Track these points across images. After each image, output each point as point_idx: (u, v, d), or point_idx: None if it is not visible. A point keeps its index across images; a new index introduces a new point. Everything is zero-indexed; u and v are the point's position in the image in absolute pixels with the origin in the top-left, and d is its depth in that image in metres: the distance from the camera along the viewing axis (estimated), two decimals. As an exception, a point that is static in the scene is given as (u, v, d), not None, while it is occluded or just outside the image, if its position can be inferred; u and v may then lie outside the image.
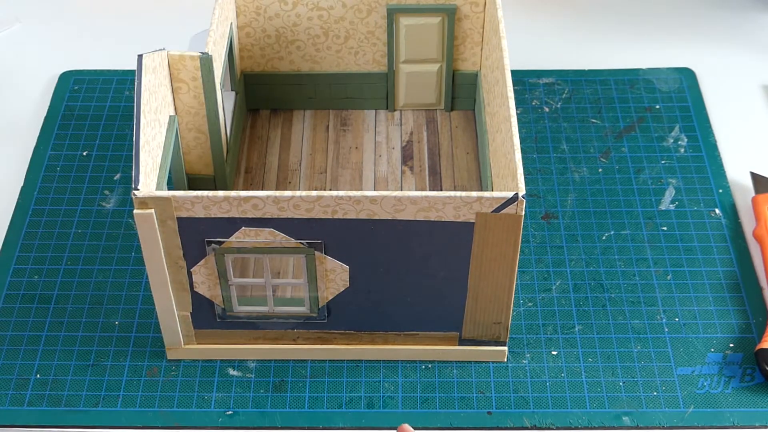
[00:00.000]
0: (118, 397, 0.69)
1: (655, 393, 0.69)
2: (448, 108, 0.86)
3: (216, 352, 0.71)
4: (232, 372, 0.70)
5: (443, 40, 0.82)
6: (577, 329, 0.73)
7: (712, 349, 0.71)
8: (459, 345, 0.70)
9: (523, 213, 0.60)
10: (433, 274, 0.65)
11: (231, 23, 0.78)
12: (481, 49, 0.82)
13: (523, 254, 0.77)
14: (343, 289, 0.66)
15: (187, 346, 0.70)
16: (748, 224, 0.80)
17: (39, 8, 1.02)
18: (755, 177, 0.82)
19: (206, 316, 0.68)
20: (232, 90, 0.82)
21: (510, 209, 0.60)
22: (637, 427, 0.67)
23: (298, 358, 0.71)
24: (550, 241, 0.79)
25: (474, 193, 0.59)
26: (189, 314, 0.68)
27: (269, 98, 0.87)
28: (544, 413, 0.68)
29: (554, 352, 0.71)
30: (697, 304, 0.74)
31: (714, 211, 0.81)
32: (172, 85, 0.70)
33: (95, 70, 0.94)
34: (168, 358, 0.71)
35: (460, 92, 0.85)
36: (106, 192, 0.82)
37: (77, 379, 0.70)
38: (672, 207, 0.81)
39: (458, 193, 0.59)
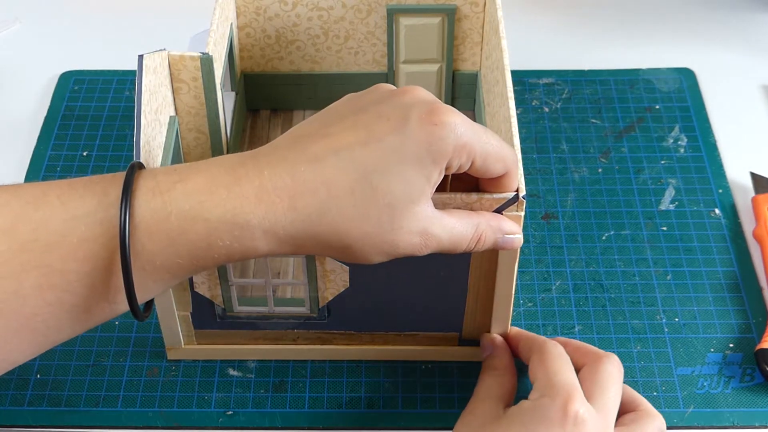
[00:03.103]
0: (118, 397, 0.69)
1: (655, 393, 0.69)
2: None
3: (216, 353, 0.71)
4: (232, 372, 0.70)
5: (443, 40, 0.82)
6: (577, 329, 0.73)
7: (712, 349, 0.71)
8: (459, 345, 0.70)
9: (524, 213, 0.60)
10: (434, 274, 0.65)
11: (231, 23, 0.78)
12: (481, 49, 0.82)
13: (523, 254, 0.77)
14: (343, 289, 0.66)
15: (187, 346, 0.70)
16: (748, 224, 0.80)
17: (39, 8, 1.02)
18: (755, 177, 0.83)
19: (206, 316, 0.68)
20: (232, 90, 0.82)
21: (510, 210, 0.60)
22: (637, 427, 0.67)
23: (299, 358, 0.71)
24: (550, 241, 0.79)
25: (474, 194, 0.59)
26: (189, 314, 0.68)
27: (269, 98, 0.87)
28: (544, 413, 0.68)
29: (554, 352, 0.71)
30: (696, 304, 0.74)
31: (714, 211, 0.81)
32: (172, 85, 0.70)
33: (95, 70, 0.94)
34: (168, 358, 0.71)
35: (460, 92, 0.85)
36: (106, 192, 0.82)
37: (77, 379, 0.70)
38: (672, 207, 0.81)
39: (458, 195, 0.59)
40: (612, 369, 0.62)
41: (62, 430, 0.67)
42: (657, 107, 0.90)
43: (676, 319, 0.73)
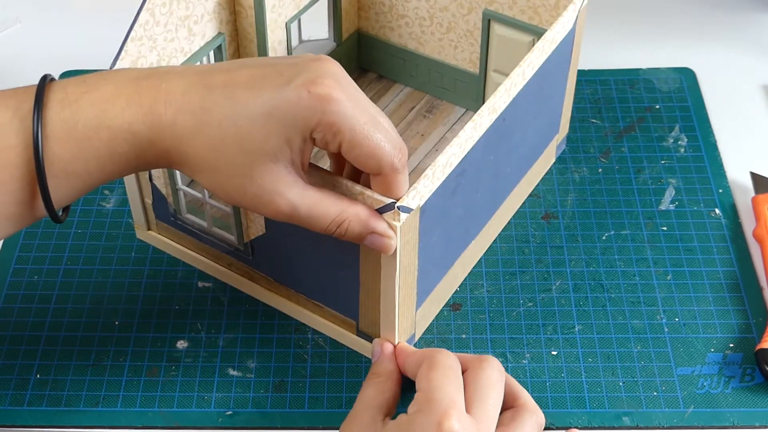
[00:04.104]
0: (118, 397, 0.69)
1: (655, 393, 0.69)
2: None
3: (170, 248, 0.76)
4: (232, 372, 0.70)
5: None
6: (577, 329, 0.73)
7: (712, 349, 0.71)
8: (357, 335, 0.70)
9: (400, 223, 0.60)
10: (329, 254, 0.66)
11: None
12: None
13: (523, 254, 0.77)
14: (261, 234, 0.68)
15: (150, 232, 0.75)
16: (748, 224, 0.80)
17: (39, 8, 1.02)
18: (755, 177, 0.83)
19: (163, 210, 0.72)
20: (333, 41, 0.85)
21: (388, 216, 0.60)
22: (637, 427, 0.67)
23: (230, 283, 0.74)
24: (550, 241, 0.79)
25: (358, 186, 0.59)
26: (152, 203, 0.73)
27: (377, 63, 0.89)
28: (544, 413, 0.67)
29: (554, 352, 0.71)
30: (697, 304, 0.74)
31: (714, 211, 0.81)
32: (234, 7, 0.75)
33: (95, 70, 0.94)
34: (137, 237, 0.76)
35: None
36: (106, 192, 0.82)
37: (77, 379, 0.70)
38: (672, 207, 0.81)
39: (345, 181, 0.59)
40: (492, 372, 0.61)
41: (62, 430, 0.67)
42: (657, 107, 0.90)
43: (676, 319, 0.73)
